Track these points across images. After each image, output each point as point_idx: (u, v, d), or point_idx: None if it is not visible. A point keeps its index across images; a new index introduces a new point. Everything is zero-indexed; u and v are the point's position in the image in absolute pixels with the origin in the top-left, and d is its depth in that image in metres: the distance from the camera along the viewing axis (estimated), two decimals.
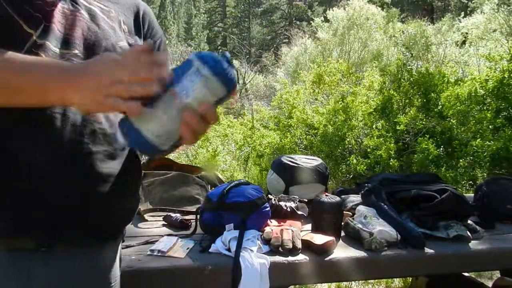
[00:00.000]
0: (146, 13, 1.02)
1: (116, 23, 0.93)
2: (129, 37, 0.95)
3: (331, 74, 7.08)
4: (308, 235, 1.44)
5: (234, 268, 1.26)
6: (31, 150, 0.78)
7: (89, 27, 0.87)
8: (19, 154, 0.78)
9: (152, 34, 1.02)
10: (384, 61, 11.53)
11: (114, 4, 0.95)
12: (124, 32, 0.94)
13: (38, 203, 0.80)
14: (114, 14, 0.93)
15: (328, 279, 1.77)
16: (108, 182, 0.86)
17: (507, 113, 5.57)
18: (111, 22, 0.91)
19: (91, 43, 0.86)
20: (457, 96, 5.63)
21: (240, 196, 1.49)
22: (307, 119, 6.40)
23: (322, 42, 14.41)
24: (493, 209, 1.79)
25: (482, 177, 4.81)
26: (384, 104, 6.05)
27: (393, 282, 2.93)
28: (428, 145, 5.16)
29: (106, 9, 0.92)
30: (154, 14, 1.08)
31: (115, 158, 0.89)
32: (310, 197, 1.74)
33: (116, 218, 0.93)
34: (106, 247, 0.92)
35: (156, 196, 1.79)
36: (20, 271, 0.79)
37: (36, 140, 0.79)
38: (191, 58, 0.73)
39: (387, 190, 1.69)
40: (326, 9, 18.76)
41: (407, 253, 1.43)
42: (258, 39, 38.35)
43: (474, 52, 10.03)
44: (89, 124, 0.84)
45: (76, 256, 0.85)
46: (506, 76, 5.53)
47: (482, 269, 2.19)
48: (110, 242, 0.94)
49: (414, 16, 17.87)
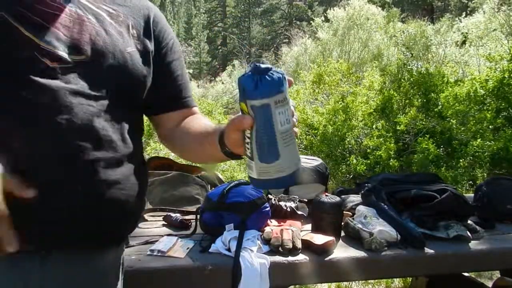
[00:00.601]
0: (156, 16, 1.00)
1: (124, 27, 0.91)
2: (138, 41, 0.93)
3: (331, 74, 7.08)
4: (308, 235, 1.44)
5: (234, 268, 1.26)
6: (34, 155, 0.77)
7: (97, 32, 0.86)
8: (21, 160, 0.77)
9: (163, 37, 1.00)
10: (384, 61, 11.52)
11: (123, 7, 0.94)
12: (132, 37, 0.92)
13: (39, 208, 0.78)
14: (123, 18, 0.92)
15: (328, 279, 1.77)
16: (113, 189, 0.85)
17: (507, 113, 5.57)
18: (118, 27, 0.90)
19: (99, 49, 0.85)
20: (457, 96, 5.63)
21: (240, 196, 1.49)
22: (307, 119, 6.40)
23: (322, 42, 14.40)
24: (493, 209, 1.79)
25: (482, 177, 4.81)
26: (384, 104, 6.05)
27: (393, 282, 2.94)
28: (428, 145, 5.16)
29: (114, 13, 0.91)
30: None
31: (121, 165, 0.87)
32: (310, 197, 1.74)
33: (119, 224, 0.91)
34: (108, 252, 0.91)
35: (156, 196, 1.79)
36: (17, 274, 0.79)
37: (39, 146, 0.78)
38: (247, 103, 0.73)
39: (387, 190, 1.69)
40: (326, 9, 18.76)
41: (407, 253, 1.43)
42: (258, 39, 38.33)
43: (474, 52, 10.03)
44: (94, 131, 0.82)
45: (76, 262, 0.84)
46: (506, 76, 5.54)
47: (482, 269, 2.19)
48: (112, 248, 0.93)
49: (414, 16, 17.86)
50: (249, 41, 37.08)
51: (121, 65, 0.88)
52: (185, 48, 21.31)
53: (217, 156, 0.88)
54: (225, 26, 41.20)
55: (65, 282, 0.82)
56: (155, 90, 0.97)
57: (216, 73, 29.05)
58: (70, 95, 0.80)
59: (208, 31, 39.76)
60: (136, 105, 0.95)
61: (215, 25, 42.12)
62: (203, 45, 36.49)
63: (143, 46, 0.94)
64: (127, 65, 0.89)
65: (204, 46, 36.62)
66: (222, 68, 30.14)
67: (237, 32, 39.34)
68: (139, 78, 0.92)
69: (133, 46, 0.91)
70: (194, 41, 35.37)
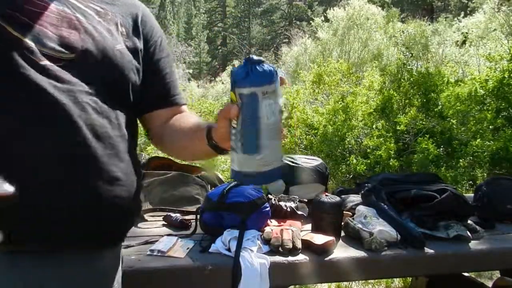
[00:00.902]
0: (145, 14, 1.01)
1: (112, 25, 0.92)
2: (127, 39, 0.93)
3: (331, 74, 7.08)
4: (308, 235, 1.44)
5: (234, 268, 1.26)
6: (33, 155, 0.77)
7: (86, 30, 0.86)
8: (19, 160, 0.77)
9: (152, 35, 1.01)
10: (384, 61, 11.52)
11: (111, 6, 0.94)
12: (121, 35, 0.92)
13: (40, 208, 0.78)
14: (111, 16, 0.92)
15: (328, 279, 1.77)
16: (114, 185, 0.85)
17: (507, 113, 5.57)
18: (107, 25, 0.90)
19: (89, 47, 0.85)
20: (457, 96, 5.63)
21: (240, 196, 1.49)
22: (307, 119, 6.40)
23: (322, 42, 14.40)
24: (493, 209, 1.79)
25: (482, 177, 4.81)
26: (384, 104, 6.06)
27: (393, 282, 2.94)
28: (428, 145, 5.17)
29: (102, 12, 0.91)
30: (154, 14, 1.08)
31: (121, 161, 0.87)
32: (310, 197, 1.74)
33: (119, 223, 0.91)
34: (107, 252, 0.91)
35: (156, 196, 1.79)
36: (17, 274, 0.79)
37: (37, 145, 0.78)
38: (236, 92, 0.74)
39: (387, 190, 1.69)
40: (326, 9, 18.76)
41: (407, 253, 1.43)
42: (258, 39, 38.32)
43: (474, 52, 10.03)
44: (92, 128, 0.82)
45: (76, 262, 0.84)
46: (506, 76, 5.54)
47: (482, 269, 2.19)
48: (111, 247, 0.93)
49: (414, 16, 17.87)
50: (249, 41, 37.07)
51: (111, 62, 0.88)
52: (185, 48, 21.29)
53: (205, 151, 0.89)
54: (225, 26, 41.18)
55: (65, 282, 0.82)
56: (144, 89, 0.98)
57: (216, 73, 29.04)
58: (64, 93, 0.80)
59: (208, 31, 39.75)
60: (128, 103, 0.94)
61: (215, 25, 42.12)
62: (203, 45, 36.48)
63: (132, 43, 0.94)
64: (117, 63, 0.89)
65: (204, 46, 36.61)
66: (222, 68, 30.14)
67: (237, 32, 39.33)
68: (130, 75, 0.92)
69: (122, 44, 0.91)
70: (194, 41, 35.35)
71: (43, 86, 0.78)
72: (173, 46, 19.90)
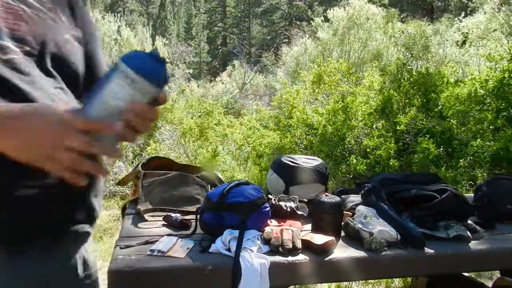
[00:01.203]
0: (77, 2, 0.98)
1: (55, 14, 0.90)
2: (70, 27, 0.92)
3: (331, 74, 7.07)
4: (308, 235, 1.44)
5: (234, 268, 1.26)
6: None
7: (34, 20, 0.84)
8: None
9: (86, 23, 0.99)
10: (384, 61, 11.52)
11: None
12: (63, 23, 0.91)
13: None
14: (51, 5, 0.90)
15: (328, 279, 1.77)
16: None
17: (507, 113, 5.57)
18: (51, 14, 0.89)
19: (41, 37, 0.83)
20: (457, 96, 5.63)
21: (240, 196, 1.49)
22: (307, 119, 6.39)
23: (322, 42, 14.39)
24: (493, 209, 1.79)
25: (482, 177, 4.81)
26: (384, 104, 6.05)
27: (393, 282, 2.94)
28: (428, 145, 5.16)
29: (43, 1, 0.89)
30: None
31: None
32: (310, 197, 1.74)
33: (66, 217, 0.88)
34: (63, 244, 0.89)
35: (156, 196, 1.79)
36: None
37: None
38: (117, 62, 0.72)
39: (387, 190, 1.69)
40: (326, 9, 18.76)
41: (407, 253, 1.43)
42: (258, 39, 38.33)
43: (474, 52, 10.03)
44: None
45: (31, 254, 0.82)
46: (506, 76, 5.53)
47: (482, 269, 2.19)
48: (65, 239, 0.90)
49: (414, 16, 17.87)
50: (249, 41, 37.07)
51: (63, 52, 0.87)
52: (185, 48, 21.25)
53: None
54: (225, 26, 41.20)
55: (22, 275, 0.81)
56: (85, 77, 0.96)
57: (216, 73, 29.03)
58: (30, 86, 0.78)
59: (208, 31, 39.76)
60: (80, 92, 0.92)
61: (215, 25, 42.13)
62: (203, 45, 36.49)
63: (75, 32, 0.93)
64: (69, 52, 0.88)
65: (204, 46, 36.63)
66: (222, 68, 30.13)
67: (237, 32, 39.36)
68: (80, 64, 0.92)
69: (68, 33, 0.90)
70: (194, 41, 35.35)
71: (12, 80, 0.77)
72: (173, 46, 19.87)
